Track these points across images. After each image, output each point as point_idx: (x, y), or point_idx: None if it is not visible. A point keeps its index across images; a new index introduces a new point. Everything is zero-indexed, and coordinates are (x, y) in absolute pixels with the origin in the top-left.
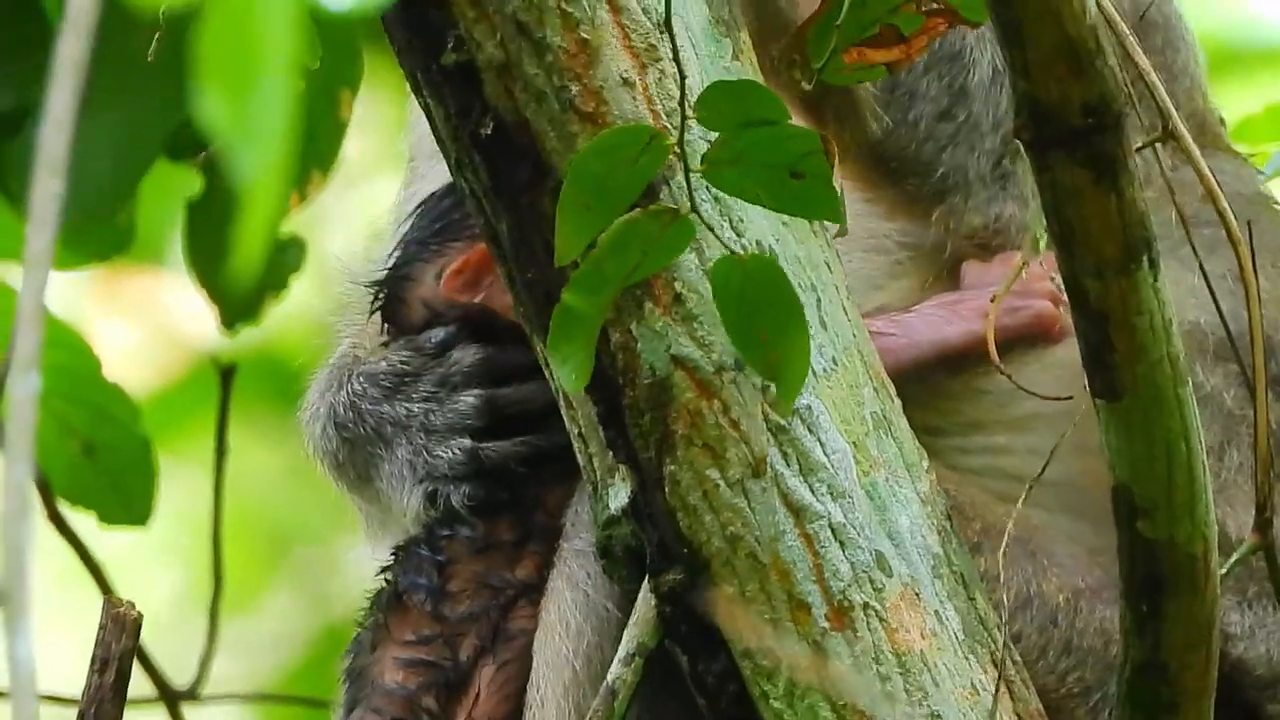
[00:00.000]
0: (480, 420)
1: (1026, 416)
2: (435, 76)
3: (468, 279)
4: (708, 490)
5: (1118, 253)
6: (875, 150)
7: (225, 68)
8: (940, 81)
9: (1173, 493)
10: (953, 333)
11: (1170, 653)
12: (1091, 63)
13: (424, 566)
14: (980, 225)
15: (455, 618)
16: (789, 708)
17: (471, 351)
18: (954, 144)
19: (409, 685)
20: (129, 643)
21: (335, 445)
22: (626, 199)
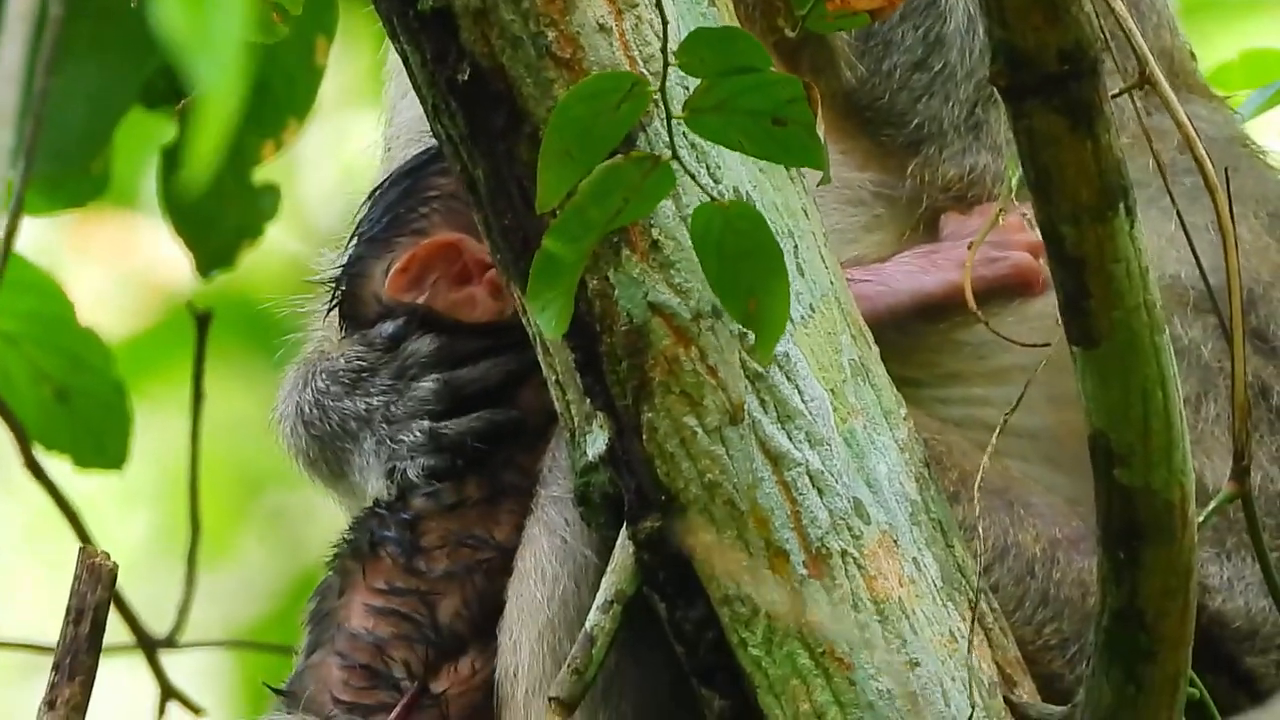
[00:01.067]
0: (440, 404)
1: (1005, 368)
2: (412, 22)
3: (412, 277)
4: (685, 437)
5: (1094, 199)
6: (850, 100)
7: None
8: (916, 31)
9: (1149, 439)
10: (930, 282)
11: (1148, 600)
12: (1067, 9)
13: (391, 523)
14: (955, 177)
15: (432, 574)
16: (767, 654)
17: (426, 341)
18: (929, 94)
19: (378, 632)
20: (104, 593)
21: (305, 443)
22: (607, 146)
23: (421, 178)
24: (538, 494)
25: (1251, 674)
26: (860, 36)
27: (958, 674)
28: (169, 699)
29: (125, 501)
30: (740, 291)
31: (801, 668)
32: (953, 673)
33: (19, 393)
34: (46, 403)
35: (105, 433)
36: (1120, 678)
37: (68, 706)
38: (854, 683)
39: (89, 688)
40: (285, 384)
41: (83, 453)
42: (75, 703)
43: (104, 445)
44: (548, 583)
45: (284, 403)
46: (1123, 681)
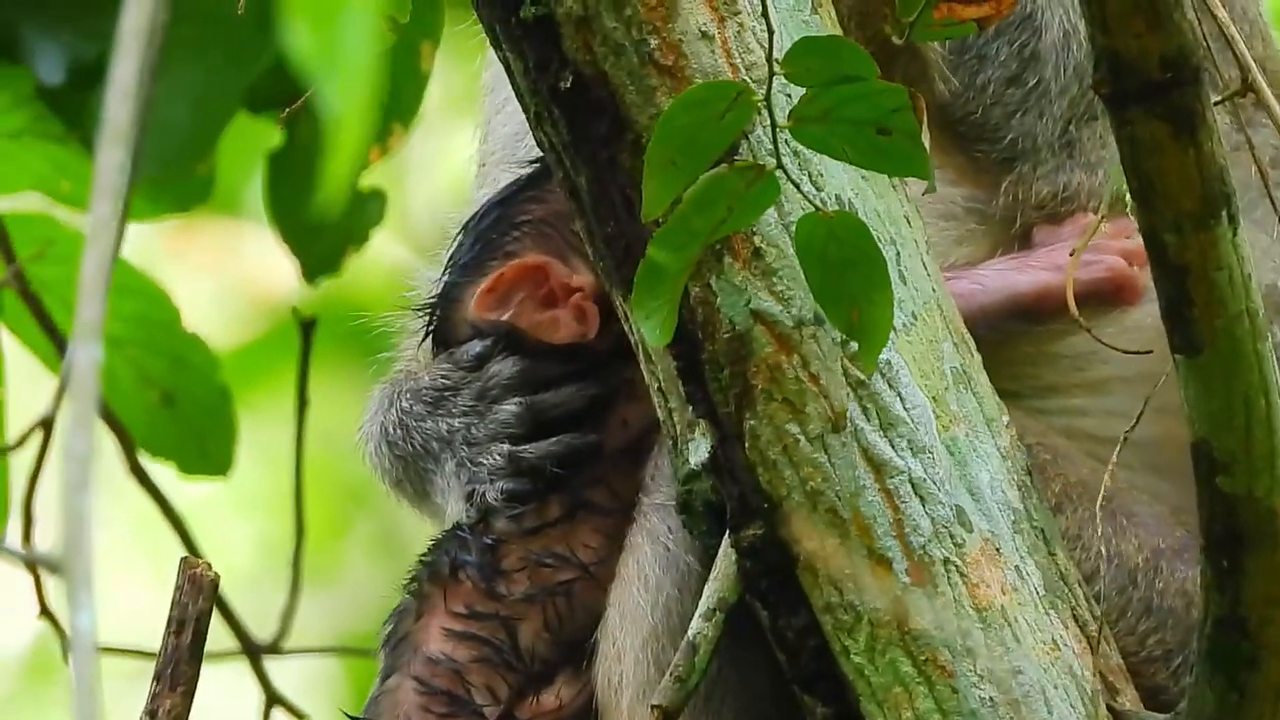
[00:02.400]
0: (521, 428)
1: (1104, 380)
2: (515, 30)
3: (498, 296)
4: (787, 445)
5: (1196, 207)
6: (943, 114)
7: None
8: (1010, 46)
9: (1252, 447)
10: (1023, 281)
11: (1250, 607)
12: (1170, 16)
13: (472, 547)
14: (1049, 194)
15: (512, 597)
16: (870, 662)
17: (510, 363)
18: (1023, 109)
19: (457, 657)
20: (205, 604)
21: (389, 464)
22: (712, 155)
23: (513, 204)
24: (640, 501)
25: None
26: (955, 50)
27: (1060, 681)
28: (273, 705)
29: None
30: (844, 301)
31: (904, 675)
32: (1055, 680)
33: (124, 397)
34: (152, 407)
35: (210, 438)
36: (1223, 685)
37: (169, 716)
38: (956, 690)
39: (190, 698)
40: (371, 404)
41: (187, 459)
42: (177, 713)
43: (209, 451)
44: (651, 590)
45: (370, 423)
46: (1226, 689)
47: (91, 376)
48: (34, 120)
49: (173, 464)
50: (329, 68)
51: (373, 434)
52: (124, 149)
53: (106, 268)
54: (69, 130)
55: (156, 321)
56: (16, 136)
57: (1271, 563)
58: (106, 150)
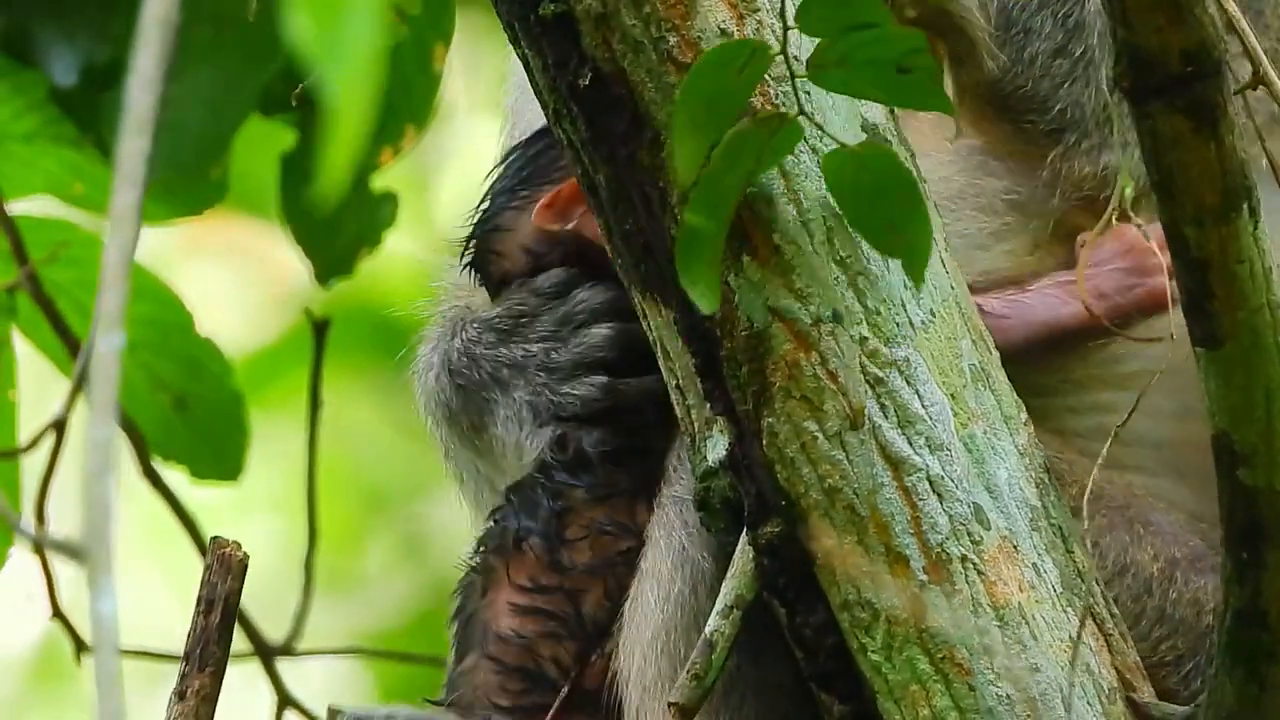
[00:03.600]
0: (614, 352)
1: (1134, 374)
2: (533, 27)
3: (558, 210)
4: (805, 442)
5: (1217, 200)
6: (994, 89)
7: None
8: (1055, 17)
9: (1272, 440)
10: (1067, 314)
11: (1271, 600)
12: (1190, 10)
13: (540, 513)
14: (1090, 174)
15: (576, 569)
16: (887, 660)
17: (599, 290)
18: (1071, 79)
19: (526, 632)
20: (235, 583)
21: (449, 394)
22: (734, 110)
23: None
24: (660, 492)
25: None
26: (1001, 25)
27: (1078, 679)
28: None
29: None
30: (881, 225)
31: (921, 673)
32: (1073, 678)
33: (137, 400)
34: (164, 411)
35: (223, 443)
36: (1243, 678)
37: (198, 697)
38: (973, 688)
39: (219, 679)
40: (430, 338)
41: (199, 463)
42: (206, 693)
43: (221, 456)
44: (663, 585)
45: (429, 352)
46: (1245, 681)
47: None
48: (47, 123)
49: (185, 468)
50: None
51: (432, 363)
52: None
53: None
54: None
55: (170, 325)
56: (30, 139)
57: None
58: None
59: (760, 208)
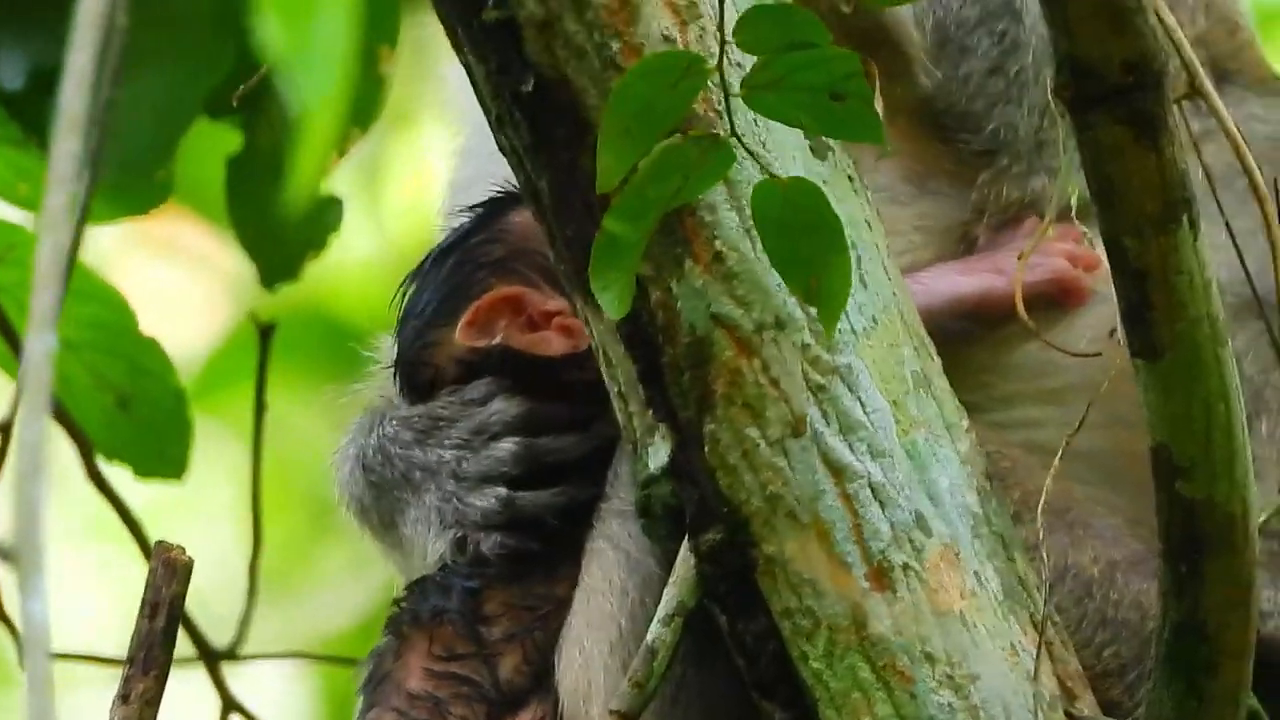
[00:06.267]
0: (517, 469)
1: (1060, 389)
2: (476, 33)
3: (480, 325)
4: (747, 449)
5: (1157, 210)
6: (927, 106)
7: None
8: (991, 36)
9: (1211, 452)
10: (966, 284)
11: (1209, 613)
12: (1132, 20)
13: (454, 594)
14: (1017, 199)
15: (493, 638)
16: (828, 668)
17: (515, 402)
18: (1005, 99)
19: (439, 694)
20: (179, 588)
21: (361, 489)
22: (666, 124)
23: (467, 249)
24: (599, 508)
25: None
26: (937, 42)
27: (1019, 687)
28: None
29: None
30: (801, 266)
31: (863, 681)
32: (1014, 686)
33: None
34: (108, 410)
35: (166, 441)
36: (1182, 690)
37: (141, 700)
38: (915, 696)
39: (163, 682)
40: (350, 429)
41: (143, 461)
42: (149, 696)
43: (165, 454)
44: (616, 595)
45: (347, 445)
46: (1184, 694)
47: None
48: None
49: (128, 466)
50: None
51: (348, 457)
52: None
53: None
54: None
55: (113, 325)
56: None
57: (1230, 568)
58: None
59: (703, 214)
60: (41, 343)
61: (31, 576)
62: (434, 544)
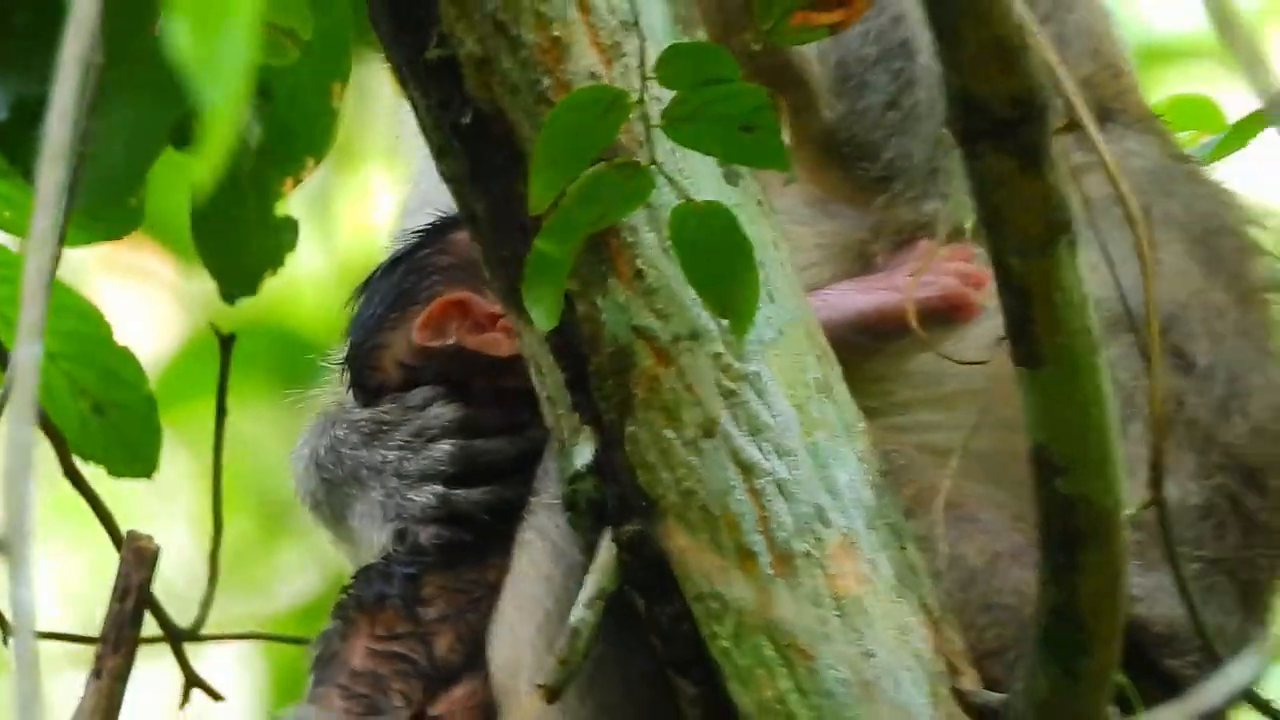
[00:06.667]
0: (453, 468)
1: (952, 394)
2: (419, 70)
3: (434, 327)
4: (664, 448)
5: (1040, 233)
6: (830, 137)
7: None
8: (888, 73)
9: (1087, 452)
10: (865, 301)
11: (1083, 600)
12: (1018, 60)
13: (395, 580)
14: (911, 221)
15: (429, 619)
16: (735, 647)
17: (451, 408)
18: (900, 131)
19: (379, 670)
20: (147, 573)
21: (315, 485)
22: (592, 153)
23: (416, 258)
24: (529, 502)
25: (1172, 674)
26: (839, 79)
27: (908, 664)
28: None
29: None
30: (714, 283)
31: (766, 658)
32: (904, 663)
33: (59, 406)
34: (84, 415)
35: (137, 443)
36: (1057, 670)
37: (112, 676)
38: (814, 672)
39: (130, 659)
40: (306, 431)
41: (116, 462)
42: (119, 672)
43: (136, 455)
44: (543, 582)
45: (302, 445)
46: (1059, 673)
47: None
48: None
49: (103, 466)
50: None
51: (303, 456)
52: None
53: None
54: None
55: (89, 337)
56: None
57: (1103, 559)
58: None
59: (625, 235)
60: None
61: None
62: (378, 535)
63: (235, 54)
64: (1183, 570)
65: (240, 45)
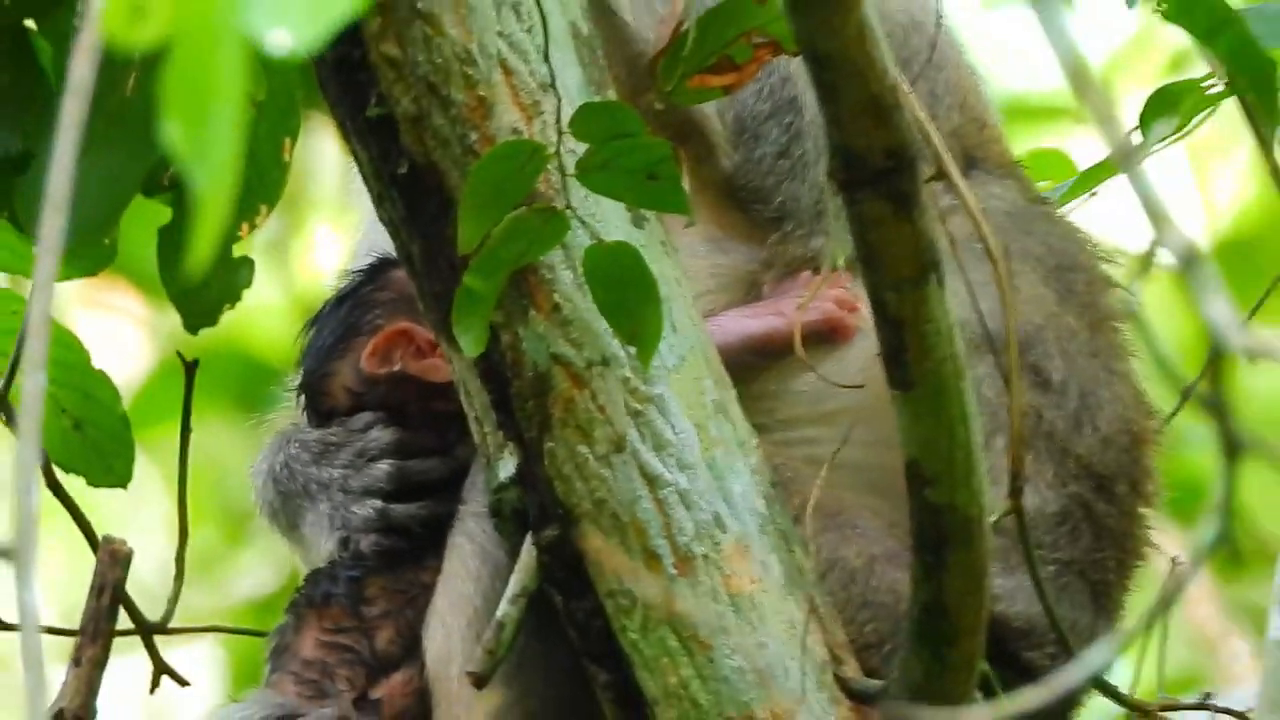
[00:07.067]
0: (390, 485)
1: (834, 412)
2: (361, 126)
3: (382, 355)
4: (579, 463)
5: (912, 271)
6: (728, 182)
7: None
8: (779, 126)
9: (954, 466)
10: (754, 326)
11: (951, 596)
12: (892, 116)
13: (341, 581)
14: (800, 256)
15: (371, 615)
16: (643, 638)
17: (389, 432)
18: (790, 177)
19: (327, 659)
20: (120, 573)
21: (271, 497)
22: (514, 199)
23: (361, 293)
24: (459, 509)
25: (1030, 665)
26: (735, 131)
27: (796, 654)
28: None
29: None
30: (623, 314)
31: (670, 648)
32: (792, 653)
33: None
34: (65, 432)
35: (113, 457)
36: (928, 657)
37: (90, 664)
38: (713, 660)
39: (107, 650)
40: (264, 448)
41: (93, 473)
42: (96, 660)
43: (112, 467)
44: (473, 581)
45: (261, 462)
46: (930, 660)
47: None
48: None
49: (82, 476)
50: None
51: (262, 471)
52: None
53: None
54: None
55: (70, 363)
56: None
57: (968, 561)
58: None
59: (544, 272)
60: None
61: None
62: (326, 542)
63: (222, 146)
64: (1039, 571)
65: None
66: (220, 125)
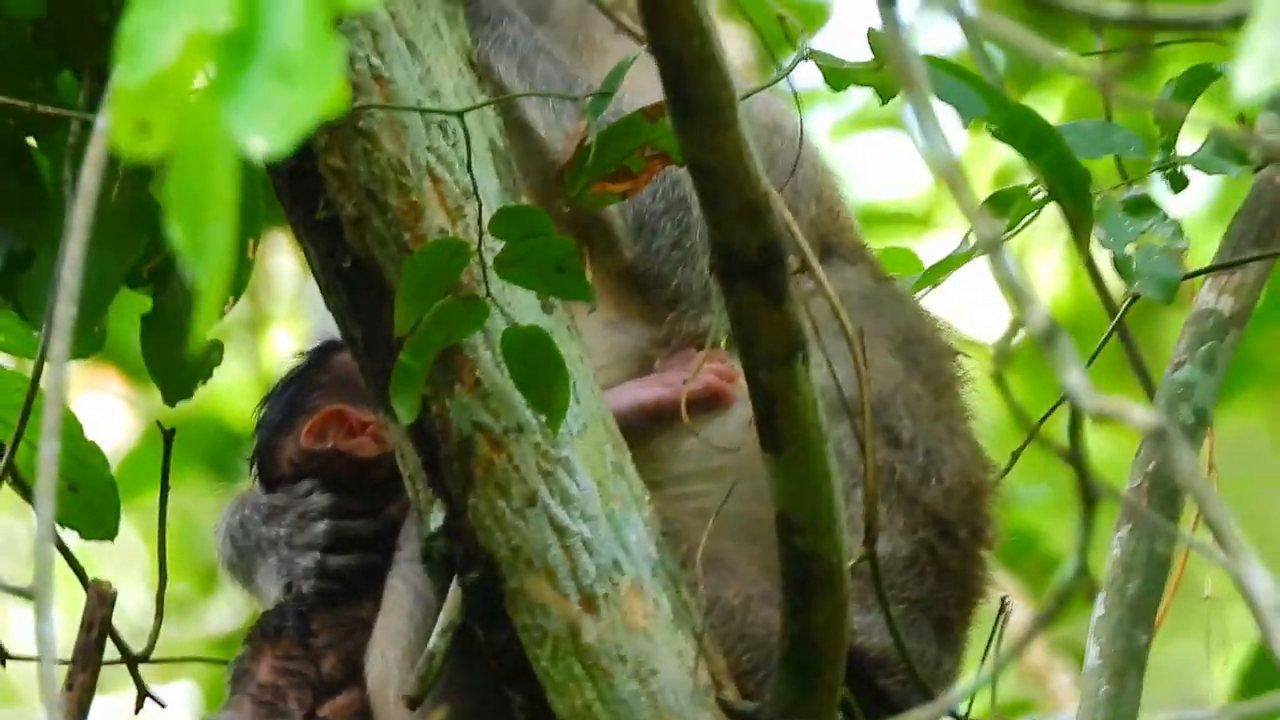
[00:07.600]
0: (326, 541)
1: (718, 469)
2: (311, 227)
3: (317, 434)
4: (498, 516)
5: (782, 351)
6: (629, 271)
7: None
8: (672, 220)
9: (818, 517)
10: (646, 395)
11: (816, 631)
12: (763, 218)
13: (290, 617)
14: (692, 333)
15: (318, 645)
16: (553, 666)
17: (326, 497)
18: (683, 264)
19: (279, 683)
20: (107, 609)
21: (230, 551)
22: (442, 289)
23: (306, 376)
24: (395, 555)
25: (885, 691)
26: (634, 226)
27: (683, 680)
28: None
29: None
30: (535, 388)
31: (576, 675)
32: (681, 679)
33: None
34: (62, 491)
35: (102, 513)
36: (797, 683)
37: (80, 688)
38: (613, 685)
39: (95, 676)
40: (224, 510)
41: (86, 527)
42: (86, 685)
43: (101, 522)
44: (407, 617)
45: (221, 521)
46: (799, 686)
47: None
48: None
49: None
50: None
51: (222, 530)
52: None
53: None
54: (4, 300)
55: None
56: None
57: (831, 600)
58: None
59: (468, 352)
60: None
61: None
62: (275, 589)
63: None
64: (892, 610)
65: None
66: (216, 228)
